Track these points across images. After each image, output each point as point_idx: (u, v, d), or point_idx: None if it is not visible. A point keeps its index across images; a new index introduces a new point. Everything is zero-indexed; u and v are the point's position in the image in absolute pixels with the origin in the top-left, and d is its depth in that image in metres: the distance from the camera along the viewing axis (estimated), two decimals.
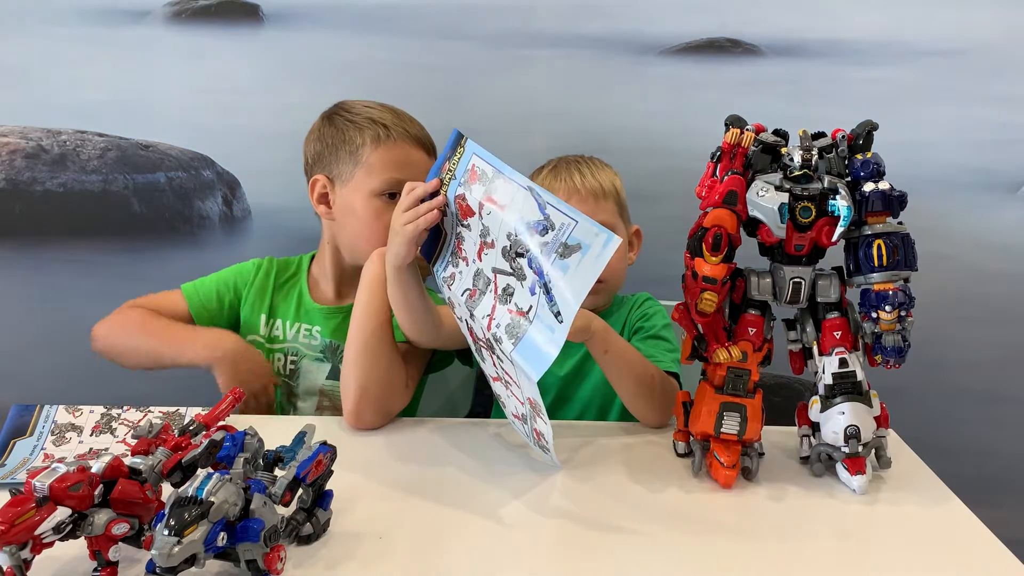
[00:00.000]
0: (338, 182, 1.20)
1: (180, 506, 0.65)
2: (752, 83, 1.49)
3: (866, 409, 0.96)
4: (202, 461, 0.79)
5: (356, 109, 1.21)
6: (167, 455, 0.77)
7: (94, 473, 0.71)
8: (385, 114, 1.20)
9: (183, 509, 0.65)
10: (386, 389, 1.08)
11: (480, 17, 1.48)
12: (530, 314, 0.85)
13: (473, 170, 0.91)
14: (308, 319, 1.25)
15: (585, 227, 0.81)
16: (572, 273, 0.81)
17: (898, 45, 1.48)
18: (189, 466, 0.78)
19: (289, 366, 1.25)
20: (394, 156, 1.18)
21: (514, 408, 0.97)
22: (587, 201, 1.18)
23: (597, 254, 0.79)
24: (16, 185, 1.54)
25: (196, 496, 0.66)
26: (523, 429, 0.99)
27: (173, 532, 0.63)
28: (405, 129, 1.19)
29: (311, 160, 1.24)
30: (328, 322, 1.24)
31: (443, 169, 0.95)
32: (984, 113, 1.50)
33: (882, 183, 0.93)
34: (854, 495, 0.95)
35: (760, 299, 0.98)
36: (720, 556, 0.83)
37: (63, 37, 1.49)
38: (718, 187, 0.94)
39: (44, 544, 0.68)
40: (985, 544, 0.86)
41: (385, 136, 1.18)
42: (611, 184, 1.22)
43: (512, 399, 0.96)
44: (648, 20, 1.49)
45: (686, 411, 1.01)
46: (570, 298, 0.81)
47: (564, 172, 1.21)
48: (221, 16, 1.50)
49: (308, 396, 1.24)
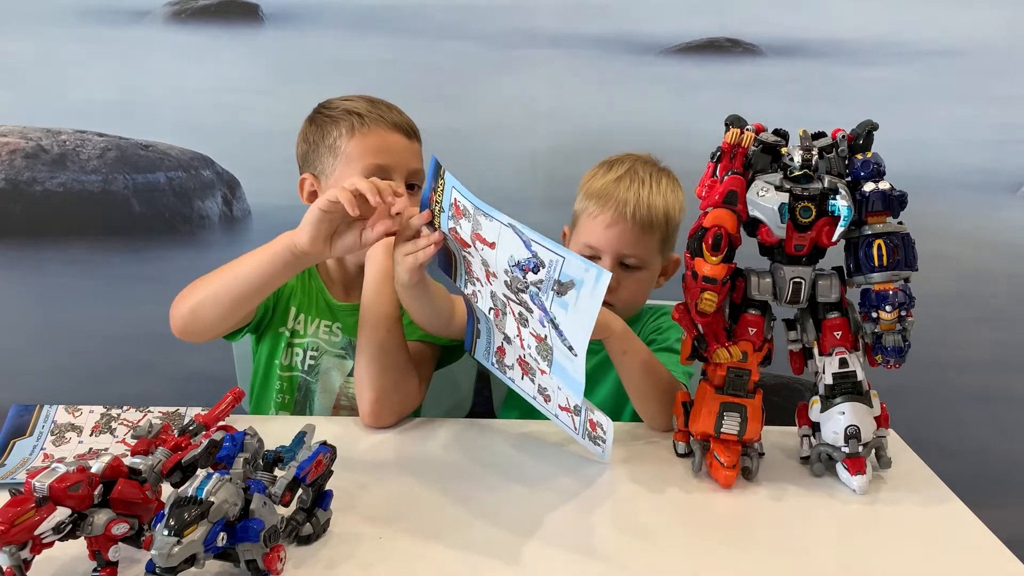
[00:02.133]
0: (322, 178, 1.20)
1: (180, 506, 0.65)
2: (752, 83, 1.49)
3: (866, 409, 0.96)
4: (202, 461, 0.79)
5: (334, 104, 1.21)
6: (167, 455, 0.77)
7: (94, 473, 0.71)
8: (360, 103, 1.19)
9: (183, 509, 0.65)
10: (402, 389, 1.09)
11: (480, 17, 1.48)
12: (548, 341, 0.87)
13: (456, 205, 0.90)
14: (330, 316, 1.25)
15: (574, 263, 0.80)
16: (573, 310, 0.81)
17: (898, 45, 1.48)
18: (189, 466, 0.78)
19: (309, 361, 1.24)
20: (371, 142, 1.17)
21: (563, 401, 0.97)
22: (632, 231, 1.17)
23: (592, 289, 0.79)
24: (16, 185, 1.54)
25: (196, 496, 0.66)
26: (572, 421, 0.99)
27: (173, 532, 0.63)
28: (380, 115, 1.18)
29: (300, 162, 1.24)
30: (349, 319, 1.24)
31: (431, 200, 0.94)
32: (984, 113, 1.50)
33: (882, 183, 0.93)
34: (854, 495, 0.95)
35: (760, 299, 0.98)
36: (720, 556, 0.83)
37: (63, 37, 1.49)
38: (718, 187, 0.94)
39: (44, 544, 0.68)
40: (985, 544, 0.86)
41: (360, 124, 1.17)
42: (663, 214, 1.19)
43: (559, 392, 0.96)
44: (648, 20, 1.49)
45: (686, 411, 1.01)
46: (578, 333, 0.82)
47: (626, 183, 1.19)
48: (221, 16, 1.50)
49: (325, 394, 1.24)
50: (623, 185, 1.19)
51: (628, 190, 1.18)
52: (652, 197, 1.18)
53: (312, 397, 1.24)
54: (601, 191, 1.19)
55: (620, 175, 1.20)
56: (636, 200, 1.17)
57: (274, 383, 1.24)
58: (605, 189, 1.19)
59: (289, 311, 1.24)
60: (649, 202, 1.18)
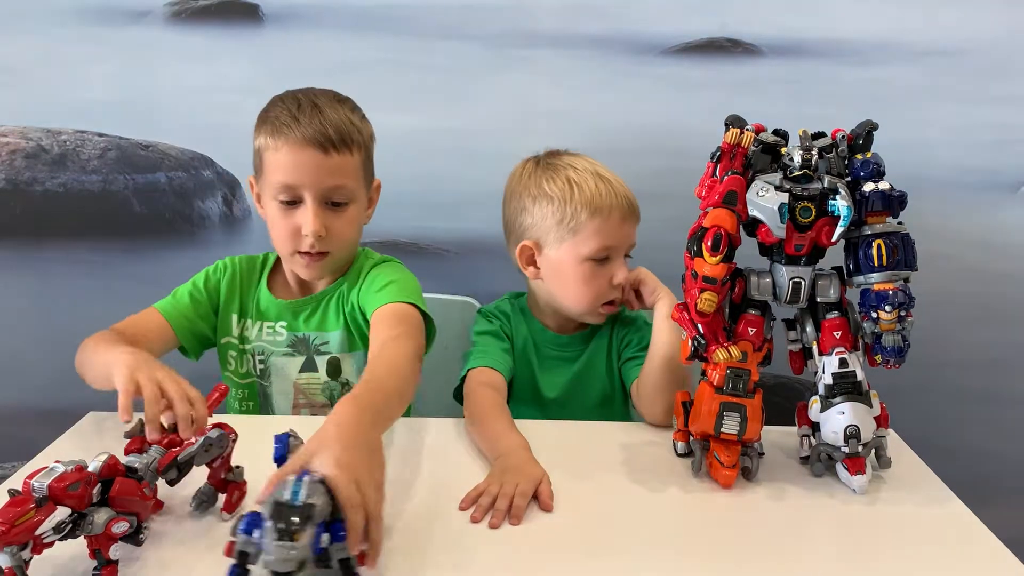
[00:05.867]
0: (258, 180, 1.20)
1: (283, 512, 0.64)
2: (752, 83, 1.49)
3: (866, 409, 0.96)
4: (199, 458, 0.80)
5: (273, 101, 1.18)
6: (161, 453, 0.78)
7: (91, 472, 0.71)
8: (286, 109, 1.14)
9: (288, 513, 0.64)
10: None
11: (480, 17, 1.48)
12: None
13: None
14: (269, 316, 1.23)
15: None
16: None
17: (898, 45, 1.48)
18: (185, 463, 0.78)
19: (259, 366, 1.24)
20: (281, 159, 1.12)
21: None
22: (628, 221, 1.19)
23: None
24: (16, 185, 1.54)
25: (293, 501, 0.65)
26: None
27: (287, 537, 0.63)
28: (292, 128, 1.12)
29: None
30: (294, 314, 1.23)
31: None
32: (984, 113, 1.50)
33: (882, 183, 0.93)
34: (854, 495, 0.95)
35: (760, 299, 0.98)
36: (720, 556, 0.83)
37: (63, 37, 1.49)
38: (718, 187, 0.94)
39: (44, 544, 0.68)
40: (985, 544, 0.86)
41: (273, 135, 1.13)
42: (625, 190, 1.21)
43: None
44: (648, 20, 1.49)
45: (686, 411, 1.01)
46: None
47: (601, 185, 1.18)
48: (221, 16, 1.50)
49: (282, 395, 1.23)
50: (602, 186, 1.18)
51: (613, 187, 1.18)
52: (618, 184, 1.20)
53: (270, 400, 1.24)
54: (593, 200, 1.17)
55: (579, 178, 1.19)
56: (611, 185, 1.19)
57: (236, 392, 1.24)
58: (596, 198, 1.17)
59: (230, 320, 1.24)
60: (626, 190, 1.20)
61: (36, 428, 1.09)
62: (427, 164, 1.50)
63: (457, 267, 1.55)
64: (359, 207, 1.19)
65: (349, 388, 1.18)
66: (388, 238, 1.53)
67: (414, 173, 1.48)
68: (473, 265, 1.53)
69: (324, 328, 1.22)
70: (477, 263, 1.53)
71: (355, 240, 1.22)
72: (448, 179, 1.52)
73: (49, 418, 1.09)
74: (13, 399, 1.62)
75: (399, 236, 1.53)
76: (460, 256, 1.56)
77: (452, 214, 1.53)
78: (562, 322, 1.27)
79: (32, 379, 1.61)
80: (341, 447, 0.72)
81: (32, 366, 1.60)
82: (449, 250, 1.56)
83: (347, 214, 1.16)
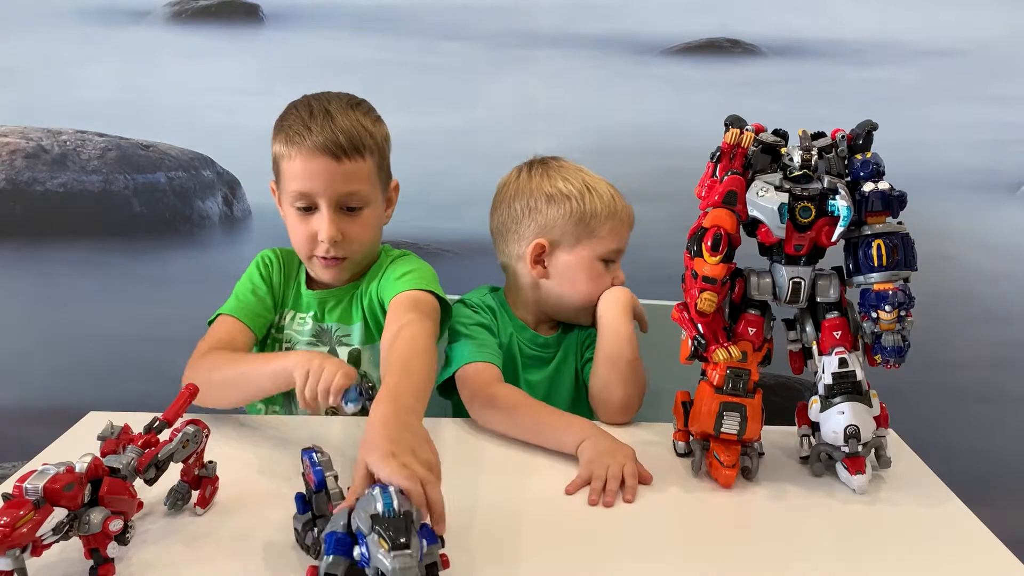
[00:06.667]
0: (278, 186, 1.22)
1: (388, 524, 0.64)
2: (752, 83, 1.49)
3: (866, 409, 0.96)
4: (177, 455, 0.81)
5: (289, 109, 1.19)
6: (139, 453, 0.78)
7: (81, 473, 0.72)
8: (299, 117, 1.15)
9: (394, 524, 0.64)
10: None
11: (480, 17, 1.48)
12: None
13: None
14: (301, 307, 1.25)
15: None
16: None
17: (898, 45, 1.48)
18: (164, 461, 0.79)
19: None
20: (296, 167, 1.14)
21: None
22: (629, 225, 1.24)
23: None
24: (16, 185, 1.54)
25: (387, 512, 0.65)
26: None
27: (402, 547, 0.63)
28: (305, 136, 1.13)
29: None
30: (321, 305, 1.23)
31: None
32: (984, 113, 1.50)
33: (882, 183, 0.93)
34: (854, 495, 0.95)
35: (760, 299, 0.98)
36: (720, 556, 0.83)
37: (63, 37, 1.49)
38: (718, 187, 0.94)
39: (44, 546, 0.69)
40: (985, 544, 0.86)
41: (287, 144, 1.15)
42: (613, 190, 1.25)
43: None
44: (648, 20, 1.49)
45: (686, 411, 1.01)
46: None
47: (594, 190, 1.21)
48: (221, 16, 1.50)
49: None
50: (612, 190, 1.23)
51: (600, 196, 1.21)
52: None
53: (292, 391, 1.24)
54: (610, 203, 1.21)
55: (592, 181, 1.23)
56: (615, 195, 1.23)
57: None
58: (612, 201, 1.21)
59: (276, 309, 1.25)
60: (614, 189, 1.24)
61: (36, 428, 1.10)
62: (427, 164, 1.50)
63: (457, 267, 1.55)
64: (375, 210, 1.20)
65: (366, 379, 1.18)
66: (388, 238, 1.52)
67: (414, 173, 1.47)
68: (473, 265, 1.53)
69: (347, 321, 1.23)
70: (477, 263, 1.52)
71: (373, 241, 1.24)
72: (448, 179, 1.52)
73: (49, 418, 1.10)
74: (13, 399, 1.62)
75: (399, 236, 1.53)
76: (460, 256, 1.56)
77: (452, 214, 1.54)
78: (539, 322, 1.28)
79: (32, 379, 1.61)
80: (387, 442, 0.76)
81: (32, 366, 1.60)
82: (449, 250, 1.56)
83: (362, 218, 1.18)
